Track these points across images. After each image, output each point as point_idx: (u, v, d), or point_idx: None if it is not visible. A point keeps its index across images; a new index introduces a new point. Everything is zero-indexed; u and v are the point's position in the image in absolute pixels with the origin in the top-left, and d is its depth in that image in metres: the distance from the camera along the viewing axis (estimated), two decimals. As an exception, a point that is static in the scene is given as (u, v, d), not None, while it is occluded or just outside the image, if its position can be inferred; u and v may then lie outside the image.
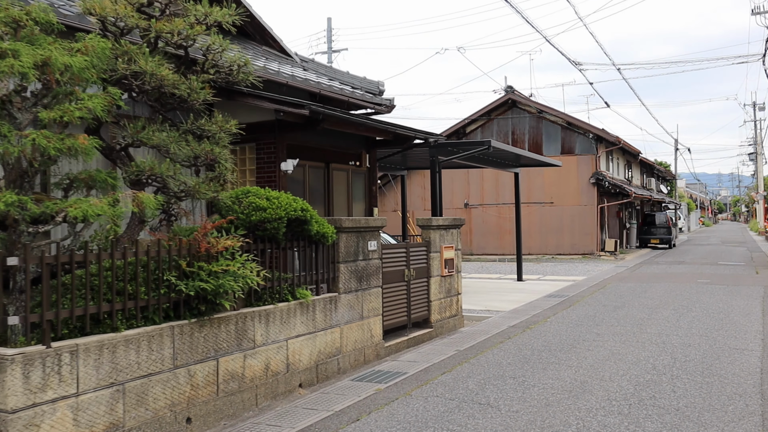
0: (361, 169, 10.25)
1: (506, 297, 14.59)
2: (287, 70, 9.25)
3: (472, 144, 13.05)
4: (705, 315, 11.35)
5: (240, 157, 8.86)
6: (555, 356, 8.26)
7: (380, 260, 8.43)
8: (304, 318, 6.95)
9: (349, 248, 7.77)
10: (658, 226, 34.54)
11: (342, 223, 7.57)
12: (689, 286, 16.07)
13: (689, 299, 13.49)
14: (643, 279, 18.05)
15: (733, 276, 18.50)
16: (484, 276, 20.08)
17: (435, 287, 9.88)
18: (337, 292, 7.59)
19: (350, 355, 7.75)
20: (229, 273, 5.65)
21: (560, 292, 15.39)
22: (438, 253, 9.97)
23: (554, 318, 11.41)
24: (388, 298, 8.67)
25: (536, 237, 28.98)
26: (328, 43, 32.10)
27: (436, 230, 9.93)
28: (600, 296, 14.33)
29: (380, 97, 11.03)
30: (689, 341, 9.06)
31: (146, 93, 5.35)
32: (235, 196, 6.41)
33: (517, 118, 29.42)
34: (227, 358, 5.91)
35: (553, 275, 20.02)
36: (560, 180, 28.46)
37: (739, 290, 15.01)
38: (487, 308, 12.87)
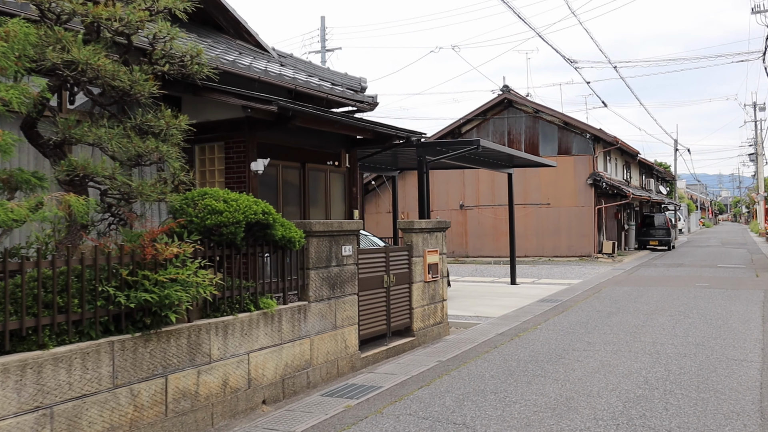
0: (341, 170, 9.75)
1: (498, 302, 14.09)
2: (260, 65, 8.77)
3: (461, 143, 12.57)
4: (702, 322, 10.85)
5: (209, 156, 8.38)
6: (541, 368, 7.76)
7: (356, 266, 7.94)
8: (268, 329, 6.45)
9: (320, 254, 7.28)
10: (657, 227, 34.04)
11: (312, 226, 7.08)
12: (687, 290, 15.56)
13: (686, 304, 12.99)
14: (639, 282, 17.54)
15: (733, 279, 18.00)
16: (477, 279, 19.59)
17: (417, 293, 9.39)
18: (307, 301, 7.10)
19: (322, 367, 7.25)
20: (177, 282, 5.16)
21: (554, 296, 14.89)
22: (421, 258, 9.48)
23: (545, 325, 10.90)
24: (365, 306, 8.18)
25: (532, 239, 28.49)
26: (322, 42, 31.65)
27: (418, 233, 9.43)
28: (594, 301, 13.83)
29: (362, 94, 10.54)
30: (685, 351, 8.56)
31: (81, 85, 4.85)
32: (190, 199, 5.92)
33: (513, 117, 28.93)
34: (178, 375, 5.42)
35: (548, 278, 19.52)
36: (557, 181, 27.96)
37: (738, 294, 14.50)
38: (476, 314, 12.38)
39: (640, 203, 37.69)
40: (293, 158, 8.91)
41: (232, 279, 6.12)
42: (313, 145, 9.26)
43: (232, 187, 8.09)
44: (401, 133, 9.40)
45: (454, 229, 29.95)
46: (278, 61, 10.14)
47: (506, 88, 28.46)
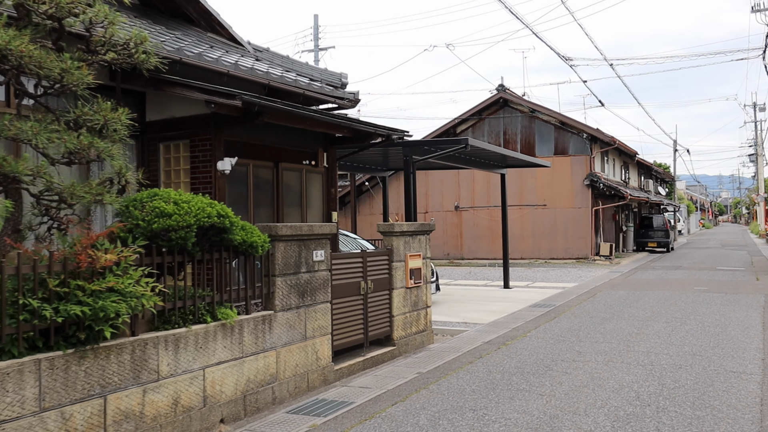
0: (318, 169, 9.25)
1: (488, 307, 13.59)
2: (231, 58, 8.27)
3: (449, 142, 12.07)
4: (700, 329, 10.35)
5: (174, 155, 7.88)
6: (527, 381, 7.25)
7: (329, 272, 7.43)
8: (227, 342, 5.95)
9: (288, 259, 6.78)
10: (656, 229, 33.54)
11: (278, 230, 6.57)
12: (685, 294, 15.06)
13: (684, 310, 12.49)
14: (636, 286, 17.04)
15: (732, 283, 17.49)
16: (470, 283, 19.08)
17: (398, 300, 8.88)
18: (273, 310, 6.60)
19: (289, 381, 6.75)
20: (115, 292, 4.67)
21: (547, 301, 14.39)
22: (402, 263, 8.98)
23: (535, 332, 10.40)
24: (339, 314, 7.68)
25: (529, 241, 27.99)
26: (315, 40, 31.17)
27: (399, 237, 8.93)
28: (588, 306, 13.33)
29: (342, 90, 10.04)
30: (680, 362, 8.06)
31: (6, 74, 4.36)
32: (138, 200, 5.42)
33: (509, 117, 28.44)
34: (119, 395, 4.91)
35: (542, 282, 19.02)
36: (553, 182, 27.47)
37: (737, 299, 14.00)
38: (464, 320, 11.87)
39: (638, 204, 37.19)
40: (266, 157, 8.41)
41: (185, 288, 5.61)
42: (288, 144, 8.76)
43: (198, 187, 7.60)
44: (381, 131, 8.89)
45: (449, 231, 29.47)
46: (253, 56, 9.63)
47: (502, 87, 27.97)
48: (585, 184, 26.86)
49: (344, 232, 15.55)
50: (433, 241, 29.69)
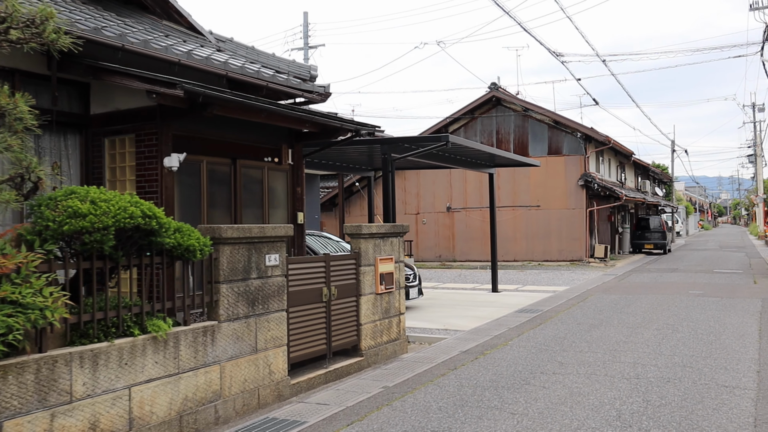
0: (282, 167, 8.64)
1: (472, 312, 12.98)
2: (184, 47, 7.66)
3: (429, 139, 11.47)
4: (692, 337, 9.73)
5: (119, 150, 7.27)
6: (499, 397, 6.64)
7: (285, 278, 6.82)
8: (159, 356, 5.34)
9: (235, 264, 6.17)
10: (653, 230, 32.93)
11: (222, 232, 5.96)
12: (679, 298, 14.44)
13: (677, 316, 11.87)
14: (629, 290, 16.42)
15: (729, 286, 16.88)
16: (458, 286, 18.46)
17: (367, 307, 8.27)
18: (217, 321, 5.98)
19: (236, 398, 6.13)
20: (10, 304, 4.06)
21: (535, 305, 13.77)
22: (371, 267, 8.36)
23: (517, 340, 9.79)
24: (297, 323, 7.07)
25: (522, 242, 27.38)
26: (305, 38, 30.58)
27: (368, 239, 8.32)
28: (577, 311, 12.71)
29: (311, 83, 9.43)
30: (669, 374, 7.44)
31: None
32: (52, 199, 4.81)
33: (502, 116, 27.84)
34: (20, 421, 4.30)
35: (533, 285, 18.40)
36: (547, 182, 26.87)
37: (734, 304, 13.38)
38: (445, 327, 11.25)
39: (635, 205, 36.59)
40: (222, 153, 7.80)
41: (106, 298, 5.00)
42: (248, 139, 8.15)
43: (144, 186, 6.99)
44: (348, 125, 8.27)
45: (441, 233, 28.87)
46: (215, 46, 9.03)
47: (494, 86, 27.37)
48: (579, 184, 26.26)
49: (327, 234, 14.96)
50: (424, 243, 29.11)
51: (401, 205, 29.56)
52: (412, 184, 29.34)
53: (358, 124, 8.42)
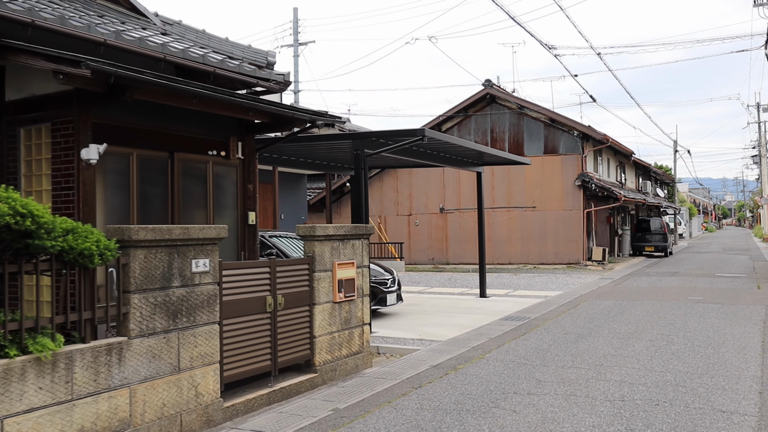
0: (231, 162, 7.80)
1: (454, 320, 12.11)
2: (113, 27, 6.82)
3: (402, 134, 10.61)
4: (688, 350, 8.85)
5: (35, 141, 6.45)
6: (461, 424, 5.77)
7: (218, 285, 5.97)
8: (45, 381, 4.49)
9: (151, 271, 5.32)
10: (653, 232, 32.02)
11: (133, 234, 5.11)
12: (677, 305, 13.56)
13: (673, 324, 10.99)
14: (625, 295, 15.53)
15: (731, 292, 15.98)
16: (445, 291, 17.59)
17: (323, 318, 7.41)
18: (127, 336, 5.14)
19: (151, 427, 5.28)
20: None
21: (522, 312, 12.90)
22: (328, 273, 7.51)
23: (496, 352, 8.93)
24: (234, 337, 6.21)
25: (517, 245, 26.50)
26: (294, 35, 29.79)
27: (324, 242, 7.46)
28: (566, 319, 11.83)
29: (268, 70, 8.58)
30: (659, 396, 6.57)
31: None
32: None
33: (497, 114, 26.97)
34: None
35: (524, 290, 17.52)
36: (543, 182, 26.00)
37: (735, 311, 12.49)
38: (421, 337, 10.39)
39: (635, 207, 35.67)
40: (157, 146, 6.96)
41: (-30, 312, 4.16)
42: (188, 130, 7.31)
43: (60, 181, 6.17)
44: (301, 115, 7.42)
45: (434, 235, 28.02)
46: (161, 29, 8.20)
47: (488, 83, 26.50)
48: (576, 184, 25.37)
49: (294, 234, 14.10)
50: (417, 245, 28.24)
51: (393, 205, 28.74)
52: (404, 184, 28.49)
53: (314, 114, 7.57)
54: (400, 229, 28.53)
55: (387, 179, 28.81)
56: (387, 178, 28.82)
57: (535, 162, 26.01)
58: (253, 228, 7.94)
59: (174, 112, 6.91)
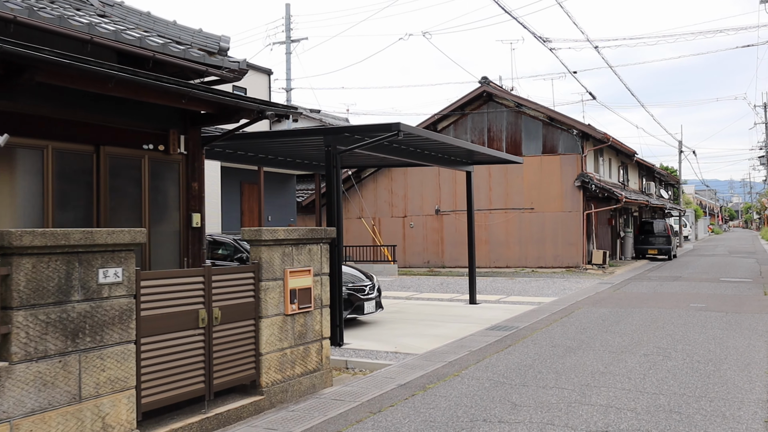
0: (172, 157, 6.99)
1: (436, 330, 11.26)
2: (27, 3, 6.01)
3: (375, 128, 9.77)
4: (686, 367, 7.99)
5: (-67, 132, 5.61)
6: (414, 462, 4.93)
7: (134, 298, 5.15)
8: None
9: (43, 283, 4.50)
10: (657, 234, 31.07)
11: (15, 239, 4.30)
12: (678, 313, 12.68)
13: (672, 336, 10.12)
14: (623, 302, 14.65)
15: (736, 298, 15.08)
16: (435, 297, 16.73)
17: (271, 333, 6.58)
18: (8, 361, 4.32)
19: (40, 468, 4.45)
20: None
21: (511, 321, 12.05)
22: (279, 282, 6.68)
23: (473, 369, 8.09)
24: (155, 358, 5.39)
25: (515, 248, 25.62)
26: (287, 31, 28.98)
27: (273, 247, 6.63)
28: (557, 329, 10.97)
29: (221, 57, 7.76)
30: (649, 425, 5.72)
31: None
32: None
33: (494, 113, 26.11)
34: None
35: (518, 295, 16.65)
36: (542, 183, 25.12)
37: (739, 321, 11.61)
38: (395, 349, 9.55)
39: (638, 208, 34.74)
40: (79, 138, 6.15)
41: None
42: (118, 121, 6.51)
43: (-44, 177, 5.35)
44: (248, 104, 6.59)
45: (429, 237, 27.17)
46: (99, 10, 7.39)
47: (485, 80, 25.64)
48: (576, 185, 24.48)
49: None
50: (412, 248, 27.39)
51: (387, 207, 27.92)
52: (399, 184, 27.66)
53: (263, 103, 6.74)
54: (395, 231, 27.69)
55: (381, 179, 27.98)
56: (381, 178, 28.00)
57: (533, 162, 25.16)
58: (198, 231, 7.13)
59: (101, 101, 6.11)
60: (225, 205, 19.62)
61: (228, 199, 19.93)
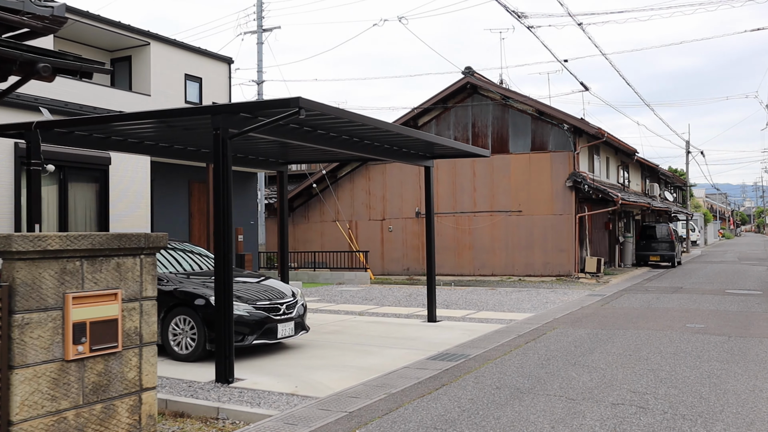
0: None
1: (365, 359, 9.09)
2: None
3: (271, 105, 7.61)
4: (666, 426, 5.78)
5: None
6: None
7: None
8: None
9: None
10: (659, 240, 28.75)
11: None
12: (670, 337, 10.45)
13: (655, 373, 7.90)
14: (608, 320, 12.43)
15: (742, 316, 12.82)
16: (392, 312, 14.54)
17: (35, 389, 4.43)
18: None
19: None
20: None
21: (465, 346, 9.87)
22: (53, 313, 4.53)
23: (376, 424, 5.92)
24: None
25: (501, 254, 23.42)
26: (258, 20, 26.95)
27: (40, 262, 4.49)
28: (514, 360, 8.78)
29: (35, 3, 5.64)
30: None
31: None
32: None
33: (479, 106, 23.92)
34: None
35: (492, 310, 14.44)
36: (530, 183, 22.92)
37: (744, 349, 9.38)
38: (295, 390, 7.38)
39: (641, 212, 32.40)
40: None
41: None
42: None
43: None
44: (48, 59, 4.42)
45: (409, 242, 25.00)
46: None
47: (469, 70, 23.46)
48: (567, 185, 22.26)
49: (191, 246, 11.22)
50: (390, 254, 25.20)
51: (364, 209, 25.78)
52: (377, 185, 25.53)
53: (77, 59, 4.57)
54: (373, 235, 25.55)
55: (358, 179, 25.87)
56: (358, 178, 25.88)
57: (521, 160, 23.00)
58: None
59: None
60: (165, 208, 17.54)
61: (171, 200, 17.84)
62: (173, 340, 8.99)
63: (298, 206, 26.95)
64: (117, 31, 17.91)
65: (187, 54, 19.57)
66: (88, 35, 18.15)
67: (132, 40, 18.47)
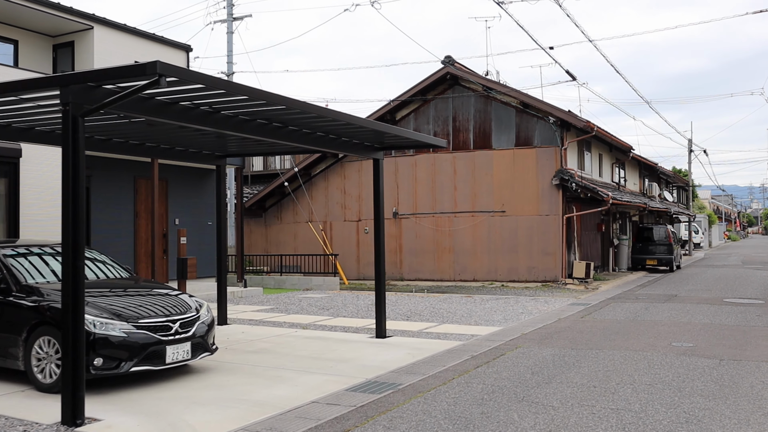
0: None
1: (273, 389, 7.45)
2: None
3: (124, 72, 6.00)
4: None
5: None
6: None
7: None
8: None
9: None
10: (657, 242, 27.03)
11: None
12: (649, 360, 8.78)
13: (619, 416, 6.22)
14: (582, 338, 10.75)
15: (739, 331, 11.12)
16: (340, 325, 12.86)
17: None
18: None
19: None
20: None
21: (403, 371, 8.23)
22: None
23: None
24: None
25: (483, 258, 21.75)
26: (228, 8, 25.37)
27: None
28: (451, 392, 7.12)
29: None
30: None
31: None
32: None
33: (460, 98, 22.27)
34: None
35: (456, 323, 12.77)
36: (515, 181, 21.26)
37: (737, 377, 7.69)
38: (151, 437, 5.73)
39: (639, 212, 30.66)
40: None
41: None
42: None
43: None
44: None
45: (387, 245, 23.29)
46: None
47: (449, 60, 21.81)
48: (554, 183, 20.58)
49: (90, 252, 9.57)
50: (367, 257, 23.52)
51: (339, 209, 24.16)
52: (353, 183, 23.91)
53: None
54: (348, 237, 23.93)
55: (333, 178, 24.26)
56: (333, 176, 24.27)
57: (505, 156, 21.35)
58: None
59: None
60: (106, 207, 15.95)
61: (114, 199, 16.25)
62: (36, 366, 7.37)
63: (271, 206, 25.37)
64: (57, 14, 16.36)
65: (138, 40, 17.99)
66: (26, 18, 16.61)
67: (74, 24, 16.92)
